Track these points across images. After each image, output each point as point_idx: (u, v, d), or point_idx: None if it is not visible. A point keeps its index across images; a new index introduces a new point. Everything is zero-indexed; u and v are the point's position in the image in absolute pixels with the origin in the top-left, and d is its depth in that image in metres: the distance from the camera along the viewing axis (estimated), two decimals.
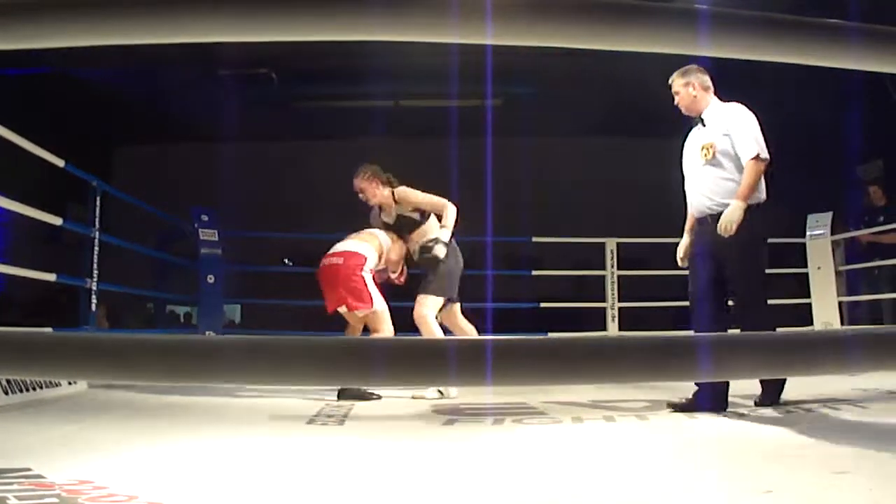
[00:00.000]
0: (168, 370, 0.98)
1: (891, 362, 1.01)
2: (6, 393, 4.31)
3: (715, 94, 4.65)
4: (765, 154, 4.38)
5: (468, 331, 5.70)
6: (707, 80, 4.62)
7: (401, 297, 5.76)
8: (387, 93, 12.51)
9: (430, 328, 5.28)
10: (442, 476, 2.62)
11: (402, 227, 5.67)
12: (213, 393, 5.04)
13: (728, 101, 4.62)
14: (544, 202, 12.20)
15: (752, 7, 1.36)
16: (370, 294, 5.37)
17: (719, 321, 4.38)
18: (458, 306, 5.73)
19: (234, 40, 1.03)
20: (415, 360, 0.96)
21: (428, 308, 5.37)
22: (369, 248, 5.57)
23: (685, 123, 4.67)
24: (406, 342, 0.97)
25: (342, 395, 4.95)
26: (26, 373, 1.79)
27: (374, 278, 5.47)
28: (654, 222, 11.89)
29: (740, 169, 4.39)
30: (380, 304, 5.36)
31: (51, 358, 0.96)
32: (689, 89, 4.62)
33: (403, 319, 5.54)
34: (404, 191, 5.64)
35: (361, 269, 5.45)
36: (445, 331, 5.64)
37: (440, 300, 5.47)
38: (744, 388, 4.76)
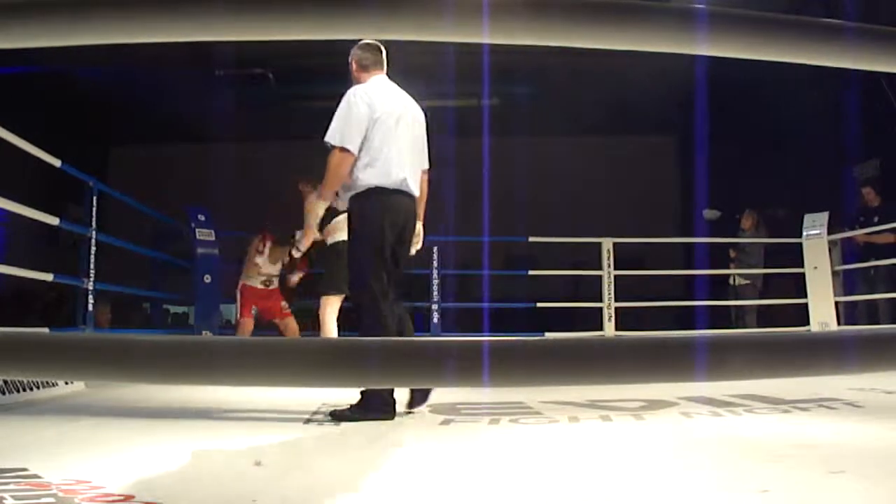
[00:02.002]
0: (165, 371, 0.98)
1: (886, 363, 1.02)
2: (3, 393, 4.31)
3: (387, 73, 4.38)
4: (338, 142, 4.09)
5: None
6: (365, 57, 4.33)
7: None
8: None
9: (327, 328, 5.61)
10: (439, 476, 2.62)
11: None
12: (209, 392, 5.04)
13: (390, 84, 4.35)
14: (541, 202, 12.20)
15: (749, 7, 1.36)
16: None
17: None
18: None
19: (229, 39, 1.03)
20: (412, 362, 0.96)
21: (325, 308, 5.71)
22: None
23: (681, 123, 4.70)
24: (403, 343, 0.97)
25: None
26: (23, 373, 1.79)
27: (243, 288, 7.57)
28: (651, 222, 11.95)
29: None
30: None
31: (48, 359, 0.95)
32: (351, 65, 4.38)
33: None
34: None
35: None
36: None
37: (335, 297, 5.75)
38: (743, 387, 4.76)
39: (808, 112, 9.94)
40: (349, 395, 4.82)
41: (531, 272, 9.95)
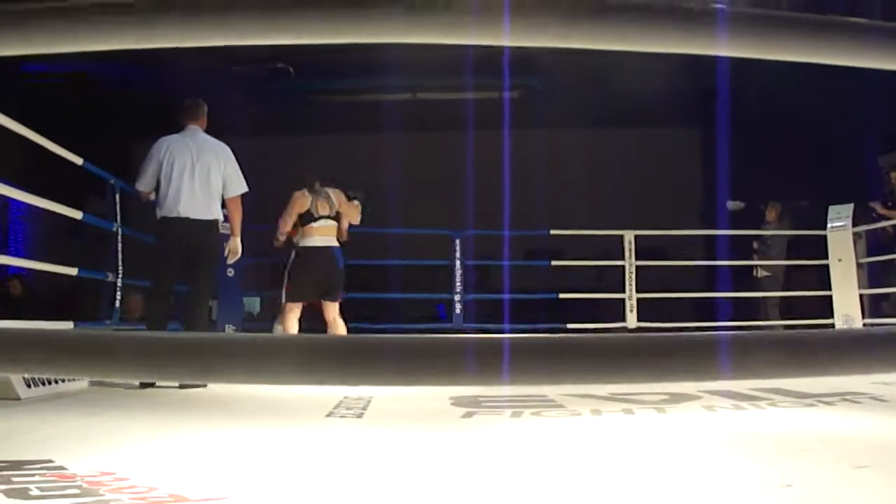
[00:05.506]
0: (185, 368, 0.98)
1: None
2: (28, 386, 4.35)
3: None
4: (136, 185, 5.61)
5: (336, 328, 6.45)
6: (184, 111, 5.75)
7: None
8: (404, 85, 12.50)
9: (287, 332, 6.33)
10: (461, 469, 2.62)
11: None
12: (231, 386, 5.06)
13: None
14: (562, 194, 12.15)
15: (771, 6, 1.33)
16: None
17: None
18: (329, 305, 6.46)
19: (252, 43, 1.03)
20: (430, 358, 0.96)
21: (285, 313, 6.47)
22: None
23: (704, 114, 4.66)
24: (421, 340, 0.97)
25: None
26: (45, 371, 1.80)
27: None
28: (674, 214, 11.88)
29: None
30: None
31: (67, 356, 0.96)
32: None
33: None
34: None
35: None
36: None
37: (294, 305, 6.41)
38: (767, 381, 4.73)
39: (831, 102, 9.82)
40: (373, 390, 4.83)
41: (553, 262, 9.92)
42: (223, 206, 5.71)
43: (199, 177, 5.48)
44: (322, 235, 6.41)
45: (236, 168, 5.70)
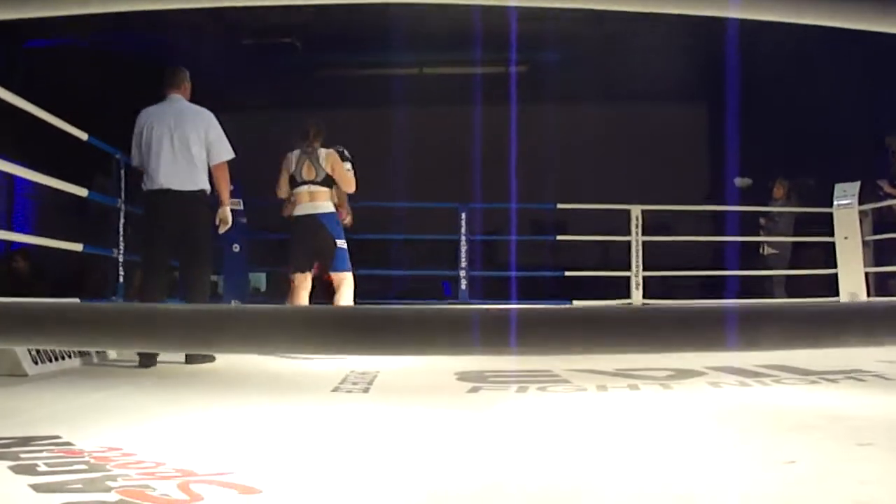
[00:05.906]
0: (192, 339, 0.98)
1: None
2: (36, 363, 4.37)
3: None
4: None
5: (339, 301, 6.14)
6: (165, 80, 5.49)
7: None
8: (411, 60, 12.44)
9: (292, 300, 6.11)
10: (467, 444, 2.63)
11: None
12: (238, 361, 5.08)
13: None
14: (569, 169, 12.12)
15: None
16: None
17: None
18: (333, 277, 6.16)
19: (254, 5, 1.02)
20: (438, 328, 0.96)
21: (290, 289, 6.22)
22: None
23: (712, 90, 4.61)
24: (428, 311, 0.97)
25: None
26: (51, 343, 1.80)
27: None
28: (681, 190, 11.84)
29: None
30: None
31: (70, 328, 0.96)
32: None
33: None
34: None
35: None
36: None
37: (300, 278, 6.11)
38: (772, 358, 4.73)
39: (840, 80, 9.76)
40: (379, 365, 4.84)
41: (559, 237, 9.92)
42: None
43: (179, 146, 5.24)
44: (307, 202, 6.02)
45: (220, 134, 5.43)
